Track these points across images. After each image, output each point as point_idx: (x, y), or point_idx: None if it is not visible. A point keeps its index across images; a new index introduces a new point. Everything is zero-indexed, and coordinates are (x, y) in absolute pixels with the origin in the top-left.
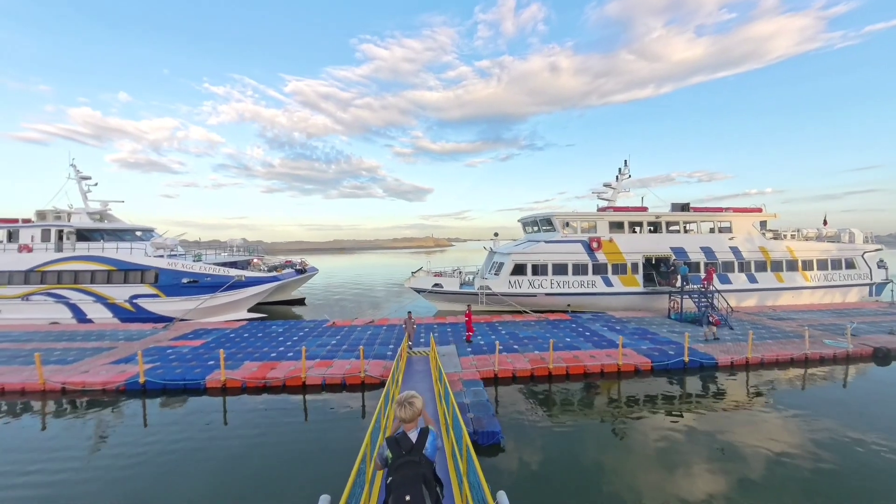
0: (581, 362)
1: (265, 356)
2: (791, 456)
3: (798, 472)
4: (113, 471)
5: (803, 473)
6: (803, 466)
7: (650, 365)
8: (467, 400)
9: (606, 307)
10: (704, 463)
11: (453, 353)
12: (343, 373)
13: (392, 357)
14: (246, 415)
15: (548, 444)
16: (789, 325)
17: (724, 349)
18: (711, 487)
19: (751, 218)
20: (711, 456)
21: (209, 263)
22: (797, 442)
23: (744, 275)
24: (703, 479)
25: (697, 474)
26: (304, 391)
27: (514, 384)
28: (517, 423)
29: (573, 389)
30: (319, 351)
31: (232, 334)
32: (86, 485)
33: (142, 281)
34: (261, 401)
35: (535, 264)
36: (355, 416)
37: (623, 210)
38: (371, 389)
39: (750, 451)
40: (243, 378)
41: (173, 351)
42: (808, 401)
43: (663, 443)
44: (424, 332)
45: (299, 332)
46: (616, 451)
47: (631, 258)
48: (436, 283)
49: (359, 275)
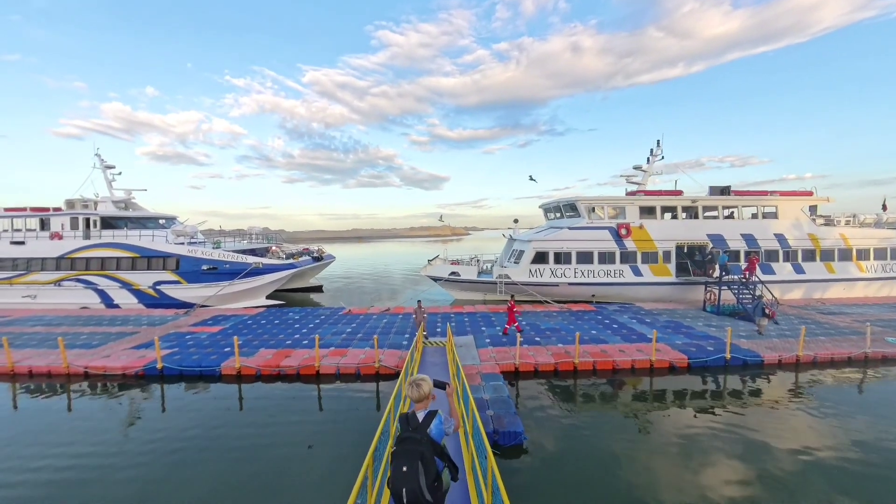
0: (609, 357)
1: (280, 343)
2: (848, 471)
3: (855, 490)
4: (129, 456)
5: (861, 493)
6: (861, 484)
7: (686, 361)
8: (486, 395)
9: (634, 298)
10: (753, 477)
11: (471, 345)
12: (357, 362)
13: (408, 347)
14: (260, 402)
15: (574, 446)
16: (843, 321)
17: (771, 346)
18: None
19: (799, 202)
20: (762, 472)
21: (228, 251)
22: (857, 456)
23: (789, 265)
24: (750, 492)
25: (743, 487)
26: (317, 380)
27: (536, 379)
28: (540, 422)
29: (601, 386)
30: (334, 339)
31: (249, 321)
32: (102, 470)
33: (164, 268)
34: (275, 389)
35: (557, 252)
36: (369, 407)
37: (655, 194)
38: (386, 380)
39: (806, 466)
40: (258, 366)
41: (192, 337)
42: (868, 405)
43: (702, 450)
44: (441, 321)
45: (315, 320)
46: (648, 456)
47: (663, 246)
48: (452, 271)
49: (376, 263)
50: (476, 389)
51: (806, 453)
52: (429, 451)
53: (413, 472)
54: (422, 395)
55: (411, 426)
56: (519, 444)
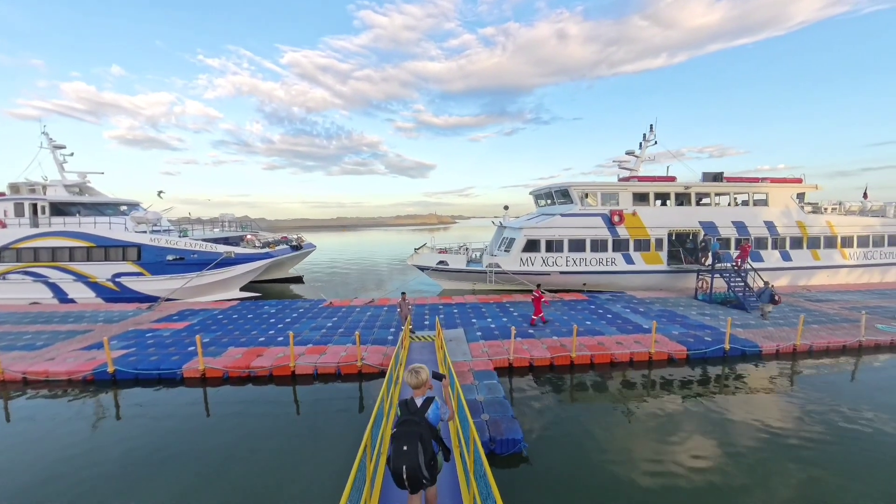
0: (607, 350)
1: (253, 341)
2: (861, 460)
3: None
4: (71, 478)
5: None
6: (878, 482)
7: (685, 353)
8: (480, 396)
9: (626, 286)
10: (775, 475)
11: (461, 338)
12: (337, 361)
13: (393, 342)
14: (228, 407)
15: (577, 451)
16: (831, 308)
17: (767, 335)
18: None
19: (789, 189)
20: (783, 469)
21: (196, 239)
22: (868, 446)
23: (777, 252)
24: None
25: (771, 494)
26: (293, 381)
27: (532, 374)
28: (539, 425)
29: (600, 381)
30: (313, 335)
31: (220, 315)
32: (36, 495)
33: (124, 258)
34: (245, 392)
35: (549, 240)
36: (352, 409)
37: (648, 180)
38: (369, 379)
39: (821, 456)
40: (225, 367)
41: (153, 335)
42: (875, 397)
43: (716, 448)
44: (429, 313)
45: (293, 314)
46: (655, 456)
47: (655, 233)
48: (440, 260)
49: (361, 252)
50: (469, 390)
51: (819, 447)
52: (427, 433)
53: (413, 451)
54: (420, 381)
55: (410, 410)
56: (518, 452)
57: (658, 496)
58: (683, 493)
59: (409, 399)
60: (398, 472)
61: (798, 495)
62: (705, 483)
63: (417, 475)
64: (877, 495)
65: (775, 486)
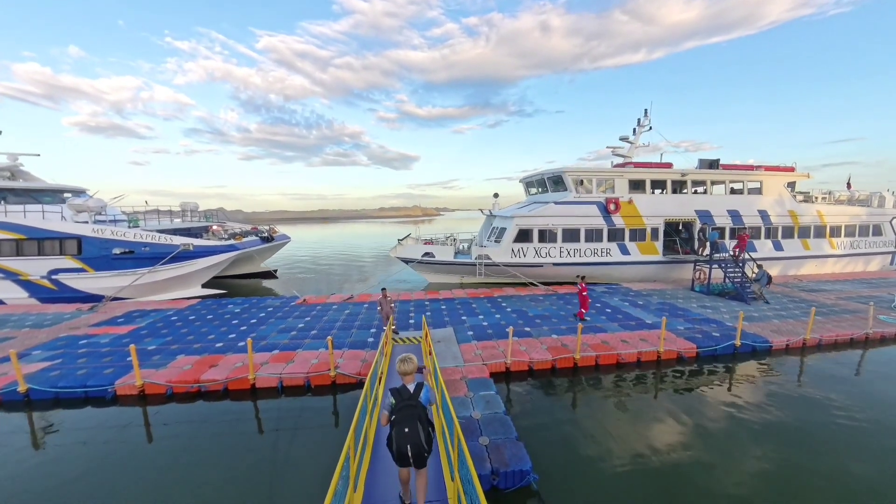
0: (613, 349)
1: (208, 347)
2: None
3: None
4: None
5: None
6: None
7: (695, 350)
8: (477, 413)
9: (621, 278)
10: None
11: (451, 339)
12: (307, 370)
13: (374, 345)
14: (172, 430)
15: (597, 478)
16: (828, 298)
17: (775, 328)
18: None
19: (782, 178)
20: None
21: (149, 230)
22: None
23: (770, 241)
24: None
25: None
26: (253, 396)
27: (531, 379)
28: (547, 444)
29: (608, 385)
30: (280, 339)
31: (174, 317)
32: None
33: (61, 252)
34: (194, 410)
35: (542, 229)
36: (324, 426)
37: (645, 166)
38: (345, 391)
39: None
40: (168, 381)
41: (88, 342)
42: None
43: (753, 464)
44: (414, 310)
45: (260, 313)
46: (691, 479)
47: (651, 222)
48: (426, 251)
49: (343, 245)
50: (462, 404)
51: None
52: (423, 414)
53: (414, 431)
54: (413, 367)
55: (405, 396)
56: (527, 485)
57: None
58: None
59: (400, 387)
60: (402, 451)
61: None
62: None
63: (421, 451)
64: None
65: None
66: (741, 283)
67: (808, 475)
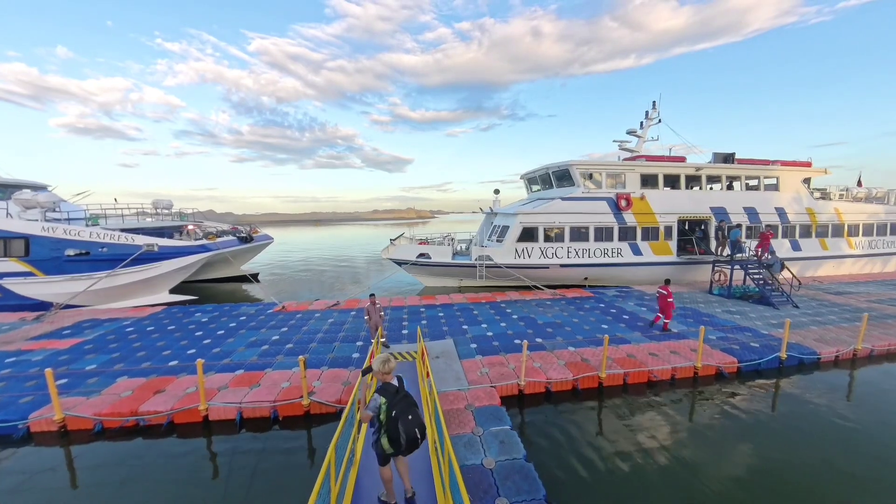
0: (642, 364)
1: (160, 366)
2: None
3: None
4: None
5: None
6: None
7: (736, 365)
8: (489, 459)
9: (632, 280)
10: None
11: (451, 354)
12: (274, 398)
13: (359, 363)
14: (103, 474)
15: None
16: (858, 301)
17: (818, 337)
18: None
19: (799, 173)
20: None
21: (109, 229)
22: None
23: (787, 241)
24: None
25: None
26: (207, 431)
27: (548, 404)
28: (577, 499)
29: (642, 410)
30: (248, 354)
31: (130, 328)
32: None
33: (6, 253)
34: (132, 449)
35: (548, 228)
36: (293, 470)
37: (657, 160)
38: (321, 423)
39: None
40: (97, 414)
41: (17, 360)
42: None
43: None
44: (408, 318)
45: (230, 323)
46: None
47: (664, 220)
48: (421, 252)
49: (336, 248)
50: (469, 445)
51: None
52: (414, 401)
53: (417, 416)
54: (393, 366)
55: (394, 391)
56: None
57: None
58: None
59: (386, 384)
60: (413, 436)
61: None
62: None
63: (424, 433)
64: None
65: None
66: (769, 286)
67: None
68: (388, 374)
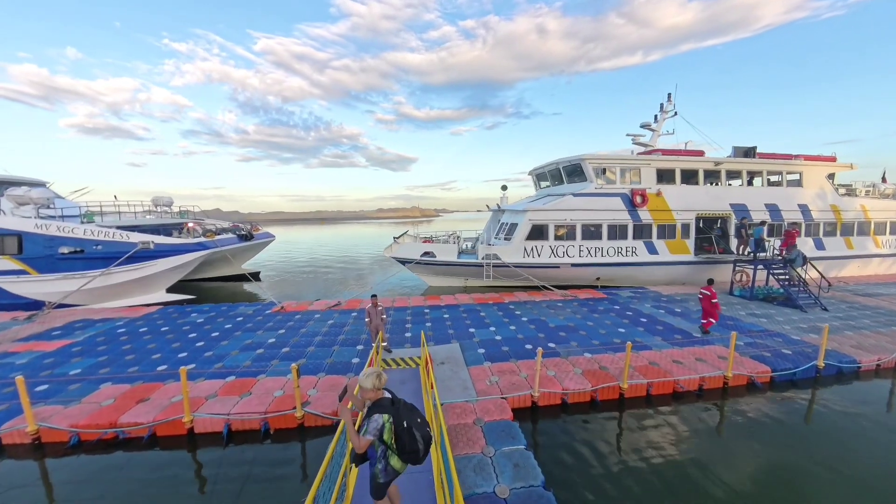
0: (667, 374)
1: (147, 371)
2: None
3: None
4: None
5: None
6: None
7: (769, 375)
8: (503, 487)
9: (646, 281)
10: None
11: (457, 359)
12: (265, 409)
13: (359, 369)
14: (77, 491)
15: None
16: (892, 304)
17: (855, 343)
18: None
19: (824, 168)
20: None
21: (105, 226)
22: None
23: (811, 239)
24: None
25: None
26: (192, 444)
27: (566, 416)
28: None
29: (671, 426)
30: (242, 359)
31: (122, 329)
32: None
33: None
34: (110, 465)
35: (559, 225)
36: (289, 486)
37: (675, 153)
38: (316, 436)
39: None
40: (73, 425)
41: (1, 362)
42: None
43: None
44: (411, 320)
45: (226, 324)
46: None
47: (681, 217)
48: (426, 251)
49: (341, 246)
50: (479, 468)
51: None
52: (412, 404)
53: (424, 418)
54: (385, 381)
55: (389, 402)
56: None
57: None
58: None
59: (384, 397)
60: (427, 434)
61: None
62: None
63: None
64: None
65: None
66: (795, 287)
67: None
68: (380, 391)
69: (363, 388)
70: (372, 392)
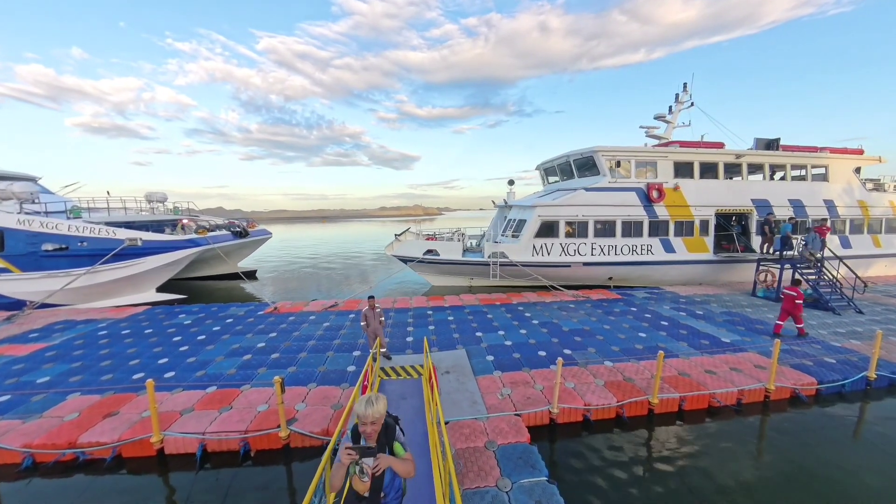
0: (701, 386)
1: (119, 381)
2: None
3: None
4: None
5: None
6: None
7: (815, 387)
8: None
9: (661, 280)
10: None
11: (464, 368)
12: (245, 426)
13: (354, 379)
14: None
15: None
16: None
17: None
18: None
19: (851, 162)
20: None
21: (92, 222)
22: None
23: (836, 237)
24: None
25: None
26: (163, 467)
27: (587, 435)
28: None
29: (712, 447)
30: (226, 365)
31: (104, 331)
32: None
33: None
34: (69, 490)
35: (570, 221)
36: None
37: (693, 146)
38: (305, 459)
39: None
40: (27, 445)
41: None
42: None
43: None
44: (413, 323)
45: (214, 326)
46: None
47: (700, 213)
48: (429, 248)
49: (344, 244)
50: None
51: None
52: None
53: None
54: (380, 412)
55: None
56: None
57: None
58: None
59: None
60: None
61: None
62: None
63: None
64: None
65: None
66: (827, 287)
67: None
68: (374, 425)
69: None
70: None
